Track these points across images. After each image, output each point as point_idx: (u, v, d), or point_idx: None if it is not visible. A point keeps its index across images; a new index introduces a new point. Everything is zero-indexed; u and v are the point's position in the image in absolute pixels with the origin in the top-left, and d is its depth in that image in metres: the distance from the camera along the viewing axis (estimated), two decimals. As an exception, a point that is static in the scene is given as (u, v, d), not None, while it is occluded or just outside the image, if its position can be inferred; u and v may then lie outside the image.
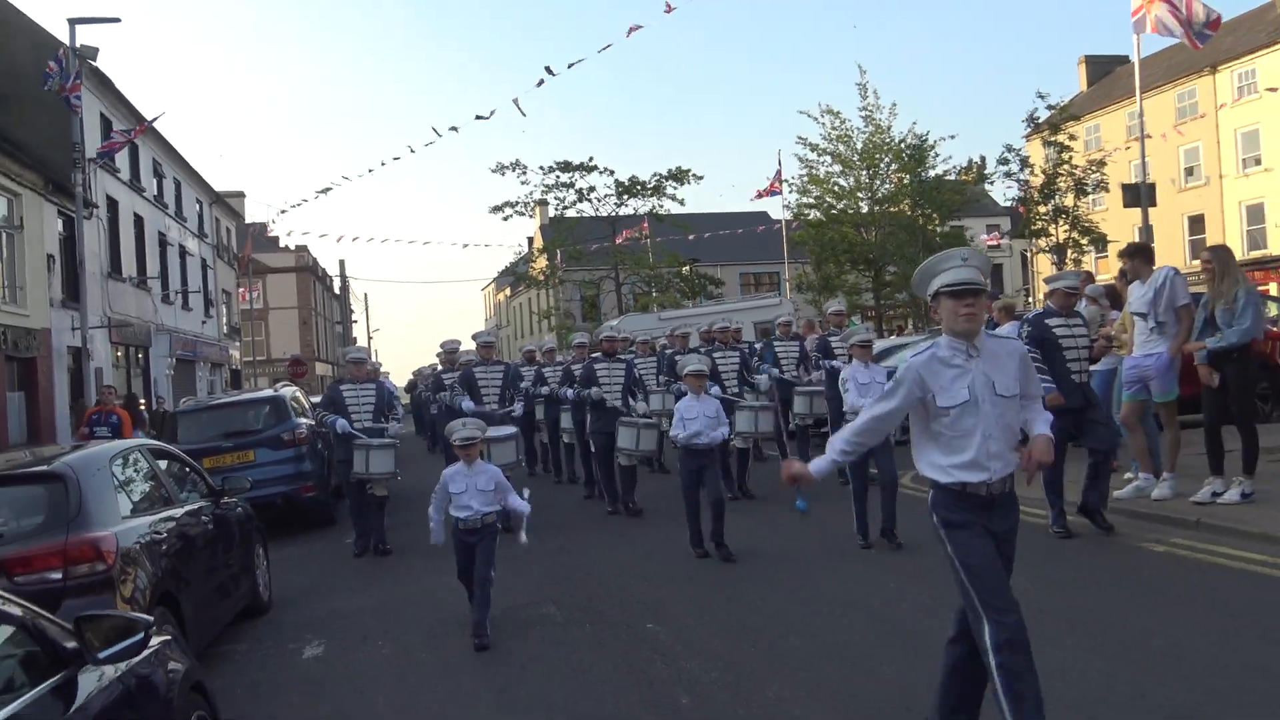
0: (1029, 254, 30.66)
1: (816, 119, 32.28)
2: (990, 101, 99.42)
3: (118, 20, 20.58)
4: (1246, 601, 5.70)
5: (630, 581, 7.74)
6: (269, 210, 79.91)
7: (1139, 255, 8.03)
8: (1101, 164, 26.64)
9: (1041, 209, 28.02)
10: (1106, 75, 47.25)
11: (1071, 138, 28.30)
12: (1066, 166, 27.35)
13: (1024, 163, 29.75)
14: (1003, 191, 32.66)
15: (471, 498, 6.64)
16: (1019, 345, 4.06)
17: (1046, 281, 8.48)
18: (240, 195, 50.34)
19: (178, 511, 6.42)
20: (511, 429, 10.68)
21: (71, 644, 2.99)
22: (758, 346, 14.62)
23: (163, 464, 6.88)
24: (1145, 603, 5.85)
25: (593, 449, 11.69)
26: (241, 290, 45.39)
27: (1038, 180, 28.90)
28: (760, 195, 35.01)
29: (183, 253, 33.29)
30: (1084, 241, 27.21)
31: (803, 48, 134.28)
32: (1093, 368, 8.35)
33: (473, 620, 6.48)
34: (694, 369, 8.60)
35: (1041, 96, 27.63)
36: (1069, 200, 27.59)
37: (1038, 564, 6.56)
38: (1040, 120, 27.08)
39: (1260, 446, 7.59)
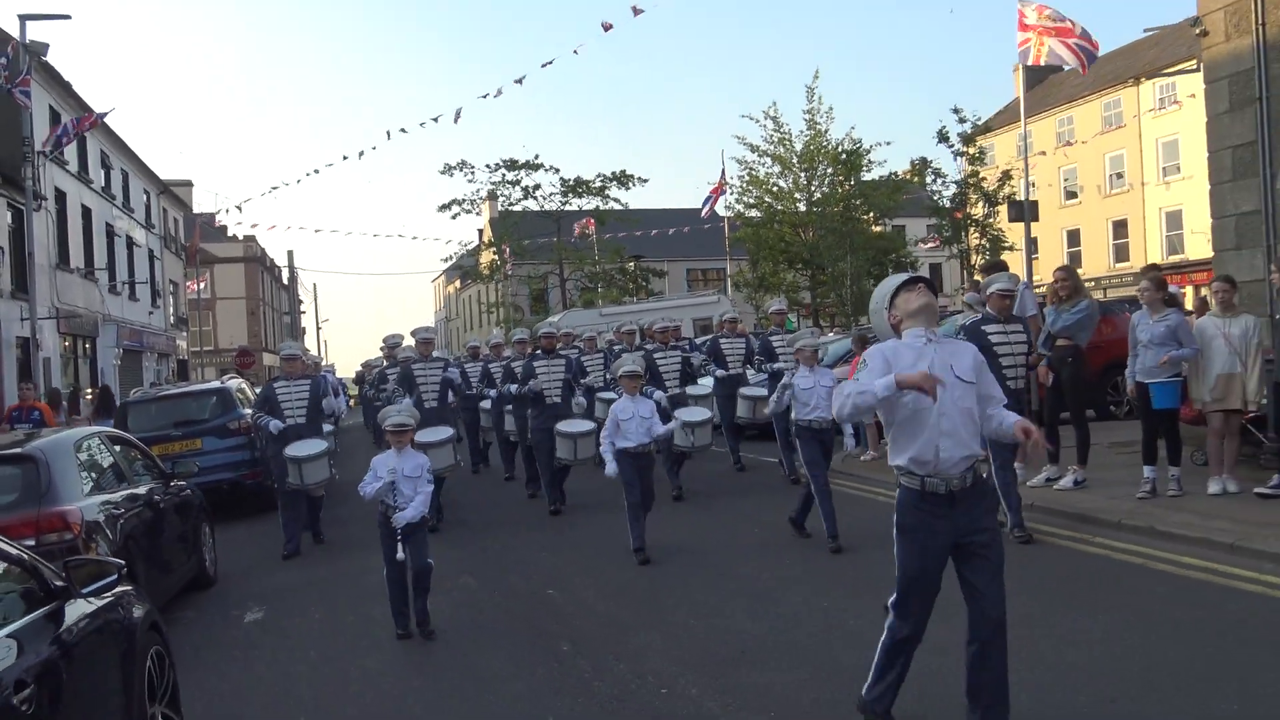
0: (958, 257, 31.87)
1: (759, 121, 33.26)
2: (936, 107, 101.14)
3: (68, 17, 21.03)
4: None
5: (548, 563, 8.48)
6: (217, 199, 79.24)
7: (993, 270, 9.06)
8: (1008, 176, 27.94)
9: (957, 215, 29.32)
10: (1040, 83, 48.97)
11: (982, 151, 29.53)
12: (974, 180, 28.65)
13: (937, 174, 31.05)
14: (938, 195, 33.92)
15: (400, 484, 6.62)
16: (972, 346, 4.23)
17: (982, 286, 8.30)
18: (188, 184, 50.46)
19: (133, 491, 7.24)
20: (448, 431, 10.75)
21: (60, 583, 3.85)
22: (698, 342, 14.83)
23: (118, 449, 7.70)
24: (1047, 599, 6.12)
25: (535, 446, 11.60)
26: (189, 281, 45.56)
27: (947, 192, 30.24)
28: (708, 202, 35.67)
29: (130, 243, 33.57)
30: (987, 247, 28.49)
31: (758, 46, 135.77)
32: None
33: (415, 611, 6.54)
34: (628, 370, 8.59)
35: (956, 111, 28.80)
36: (977, 211, 28.91)
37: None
38: (949, 135, 28.33)
39: (1114, 441, 8.64)
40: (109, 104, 70.03)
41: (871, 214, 32.70)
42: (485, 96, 26.62)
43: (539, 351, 11.80)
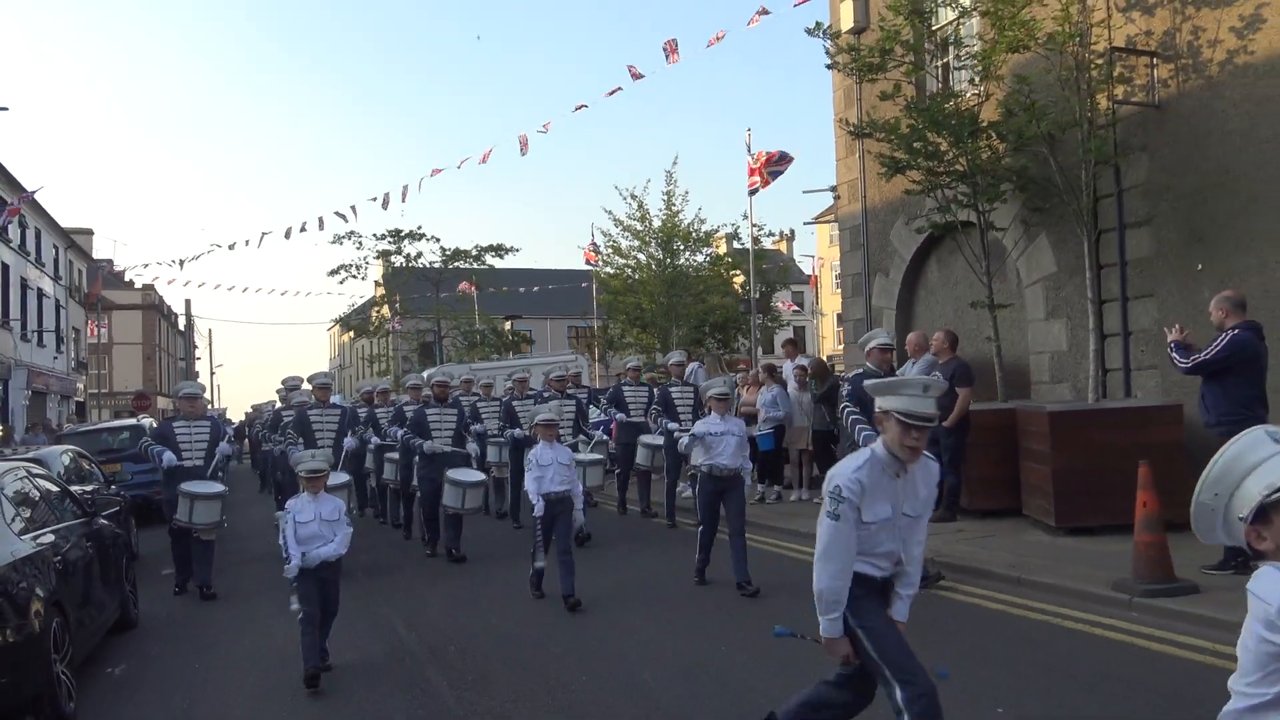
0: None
1: (624, 197, 38.13)
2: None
3: (5, 109, 24.90)
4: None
5: (448, 627, 7.95)
6: (114, 246, 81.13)
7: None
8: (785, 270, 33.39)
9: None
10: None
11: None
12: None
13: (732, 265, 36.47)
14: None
15: (318, 526, 6.65)
16: (936, 468, 4.20)
17: (860, 343, 8.65)
18: (89, 233, 53.21)
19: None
20: (344, 476, 10.81)
21: (90, 509, 8.13)
22: (597, 393, 15.46)
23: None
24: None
25: (418, 494, 11.60)
26: (90, 323, 48.46)
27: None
28: (587, 257, 40.48)
29: (40, 295, 36.82)
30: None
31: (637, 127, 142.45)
32: None
33: (320, 646, 6.66)
34: (545, 418, 8.52)
35: (746, 217, 34.28)
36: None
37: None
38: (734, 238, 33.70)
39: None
40: (27, 167, 71.55)
41: (702, 288, 37.58)
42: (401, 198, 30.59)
43: (431, 399, 11.54)
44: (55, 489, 7.90)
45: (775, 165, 18.88)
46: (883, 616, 4.03)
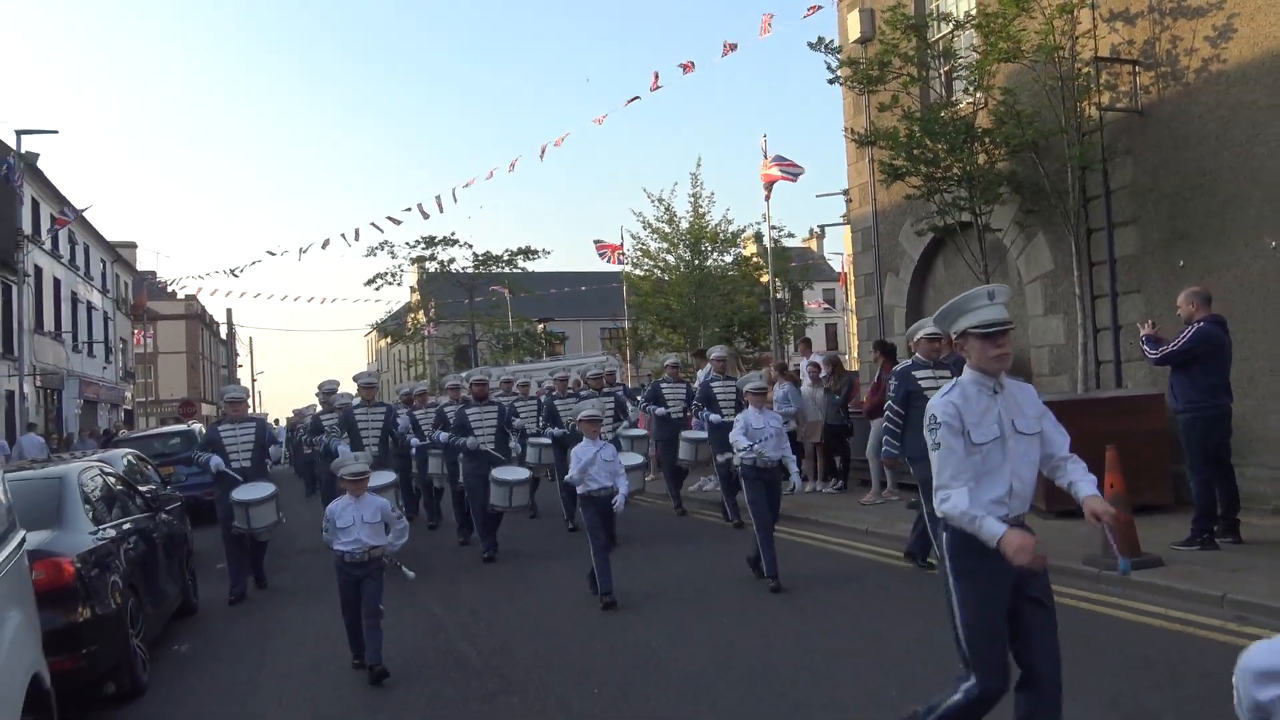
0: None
1: (652, 200, 38.90)
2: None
3: (56, 132, 26.03)
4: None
5: (498, 626, 7.96)
6: (158, 258, 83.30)
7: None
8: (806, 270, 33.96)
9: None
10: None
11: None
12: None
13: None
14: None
15: (359, 530, 6.67)
16: (1032, 389, 4.04)
17: (908, 334, 8.47)
18: (133, 246, 54.83)
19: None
20: (390, 475, 10.90)
21: (154, 504, 8.96)
22: (633, 391, 15.56)
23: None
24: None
25: (466, 493, 11.63)
26: (136, 333, 49.93)
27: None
28: (605, 258, 41.42)
29: (89, 308, 38.17)
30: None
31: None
32: None
33: (368, 655, 6.57)
34: (588, 415, 8.48)
35: (764, 219, 34.89)
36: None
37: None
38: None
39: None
40: (76, 187, 73.57)
41: (729, 289, 38.20)
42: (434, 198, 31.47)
43: (471, 399, 11.66)
44: (123, 486, 8.69)
45: (787, 166, 19.53)
46: (987, 609, 3.78)
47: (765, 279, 38.02)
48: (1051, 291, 12.44)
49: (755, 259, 38.83)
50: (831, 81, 12.60)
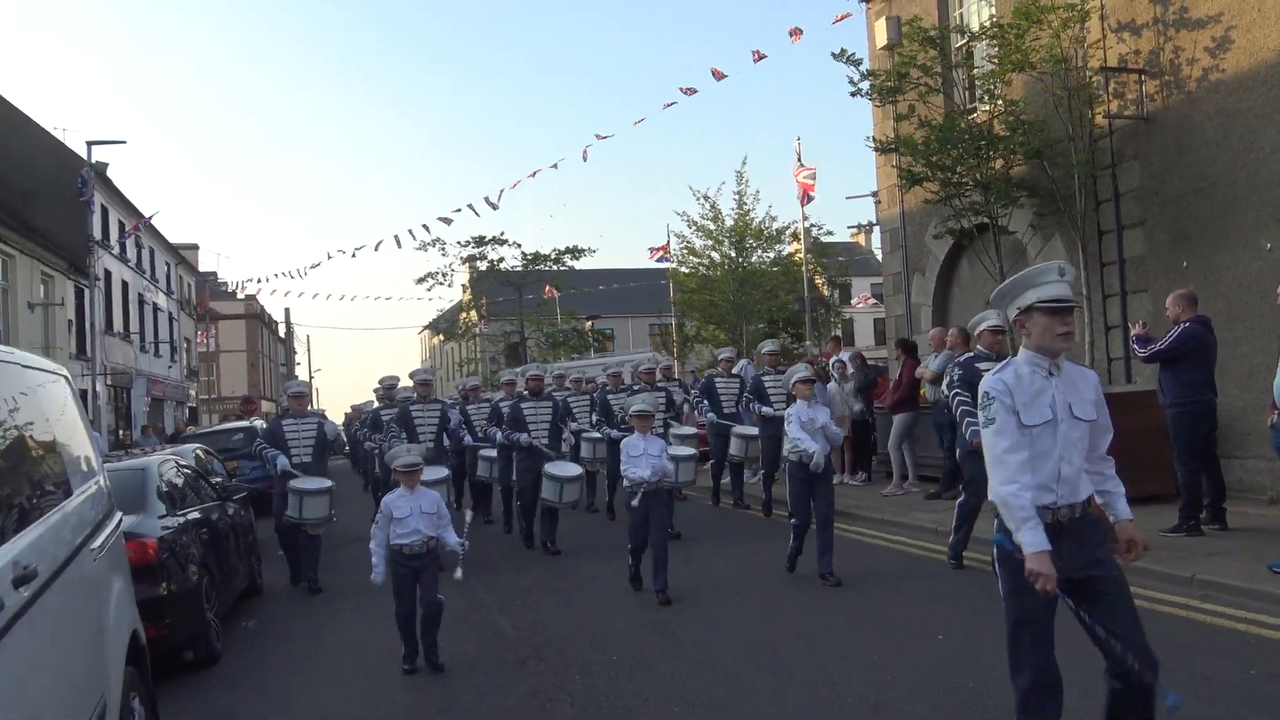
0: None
1: (697, 198, 39.66)
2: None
3: (124, 142, 27.35)
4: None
5: (549, 621, 8.00)
6: (218, 259, 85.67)
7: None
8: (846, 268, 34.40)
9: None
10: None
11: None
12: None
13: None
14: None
15: (417, 521, 6.72)
16: (1094, 375, 3.90)
17: (971, 325, 8.61)
18: (194, 248, 56.60)
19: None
20: (443, 471, 10.87)
21: (222, 495, 9.84)
22: (689, 384, 15.67)
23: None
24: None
25: (516, 487, 11.73)
26: (200, 334, 51.67)
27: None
28: (653, 256, 42.32)
29: (155, 309, 39.73)
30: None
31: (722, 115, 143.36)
32: None
33: (425, 650, 6.70)
34: (639, 409, 8.49)
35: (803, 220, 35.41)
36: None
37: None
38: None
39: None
40: (142, 191, 75.77)
41: (771, 286, 38.71)
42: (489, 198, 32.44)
43: (526, 394, 11.76)
44: (196, 477, 9.57)
45: (808, 173, 20.21)
46: (1034, 603, 3.63)
47: (814, 275, 38.61)
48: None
49: (798, 255, 39.36)
50: (854, 94, 13.18)
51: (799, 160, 20.50)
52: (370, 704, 6.38)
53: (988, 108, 12.85)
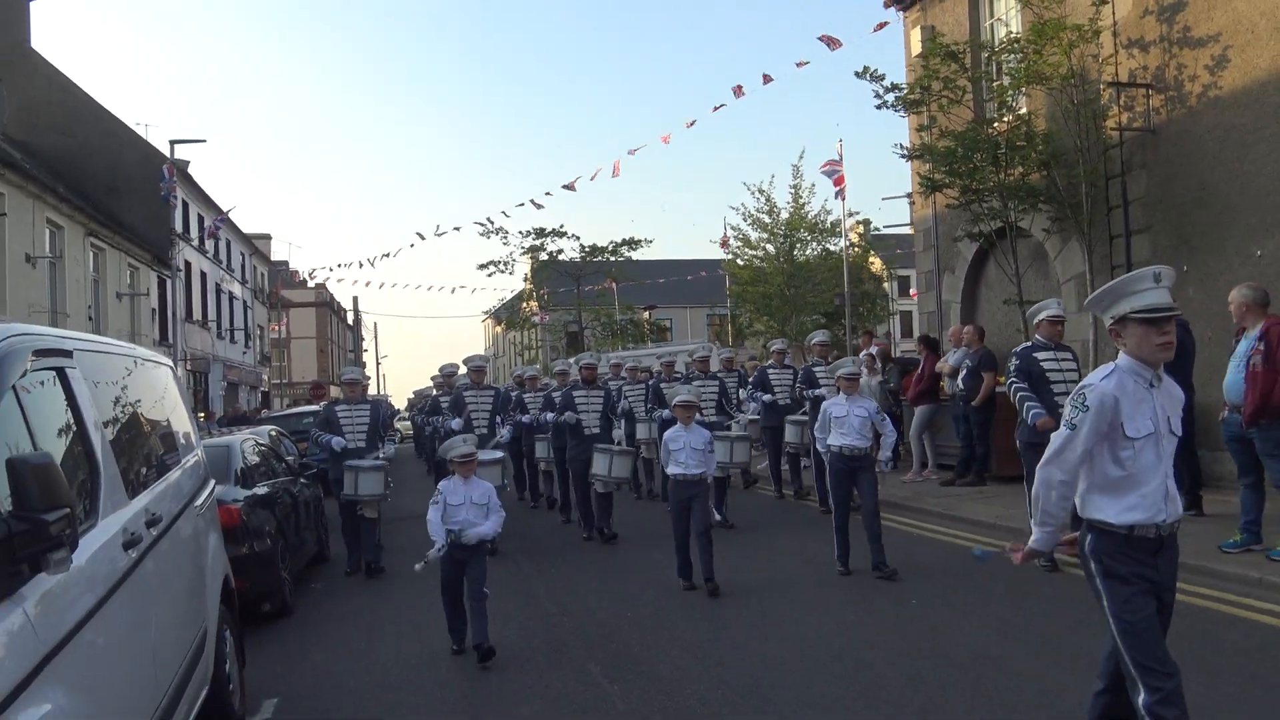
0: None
1: (752, 192, 40.40)
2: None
3: (204, 141, 28.97)
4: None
5: (597, 607, 8.10)
6: (289, 249, 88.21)
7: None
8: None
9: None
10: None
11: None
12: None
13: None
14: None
15: (468, 511, 6.87)
16: (1181, 391, 3.76)
17: (1030, 314, 8.40)
18: (267, 237, 58.65)
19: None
20: (498, 453, 11.17)
21: (295, 470, 11.02)
22: (746, 375, 15.37)
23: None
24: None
25: (570, 475, 11.87)
26: (272, 323, 53.74)
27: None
28: (721, 244, 43.20)
29: (230, 297, 41.61)
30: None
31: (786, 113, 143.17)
32: None
33: (475, 634, 6.70)
34: (682, 400, 8.51)
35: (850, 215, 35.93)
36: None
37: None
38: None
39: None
40: (219, 185, 78.24)
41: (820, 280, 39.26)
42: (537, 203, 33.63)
43: (579, 382, 12.00)
44: (272, 455, 10.76)
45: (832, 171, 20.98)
46: (1143, 607, 3.50)
47: (878, 265, 39.11)
48: (1084, 291, 13.59)
49: (855, 247, 39.91)
50: (879, 108, 13.95)
51: (840, 159, 21.22)
52: (421, 655, 7.26)
53: (1008, 119, 13.57)
